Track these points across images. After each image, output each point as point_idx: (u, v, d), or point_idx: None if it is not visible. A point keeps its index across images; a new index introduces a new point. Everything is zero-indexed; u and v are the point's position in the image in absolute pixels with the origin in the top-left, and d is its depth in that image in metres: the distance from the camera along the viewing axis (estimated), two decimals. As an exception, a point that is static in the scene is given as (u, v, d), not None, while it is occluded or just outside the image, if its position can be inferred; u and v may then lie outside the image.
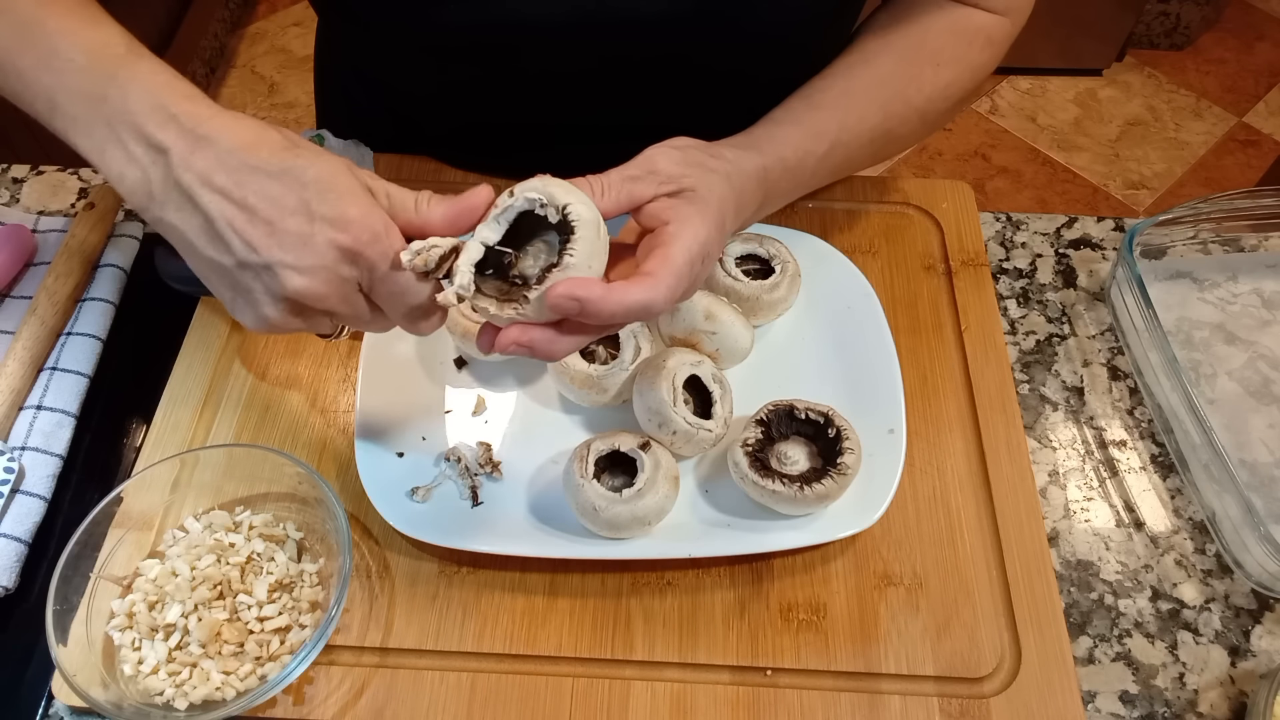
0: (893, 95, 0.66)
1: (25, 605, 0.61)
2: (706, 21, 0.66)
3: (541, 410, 0.68)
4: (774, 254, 0.69)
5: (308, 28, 2.47)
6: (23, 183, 0.83)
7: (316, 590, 0.59)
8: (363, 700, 0.57)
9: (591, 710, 0.57)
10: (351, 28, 0.78)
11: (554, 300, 0.48)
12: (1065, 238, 0.81)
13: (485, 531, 0.61)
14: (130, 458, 0.68)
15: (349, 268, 0.49)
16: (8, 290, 0.73)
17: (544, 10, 0.65)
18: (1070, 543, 0.65)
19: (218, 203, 0.48)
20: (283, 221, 0.48)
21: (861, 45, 0.68)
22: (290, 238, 0.48)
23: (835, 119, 0.64)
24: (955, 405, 0.69)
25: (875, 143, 0.67)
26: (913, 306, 0.74)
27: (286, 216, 0.48)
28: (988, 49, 0.68)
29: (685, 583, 0.61)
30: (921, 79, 0.66)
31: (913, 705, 0.57)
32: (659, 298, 0.50)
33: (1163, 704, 0.59)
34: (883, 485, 0.61)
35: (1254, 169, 2.17)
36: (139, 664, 0.56)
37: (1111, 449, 0.69)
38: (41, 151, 0.84)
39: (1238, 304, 0.76)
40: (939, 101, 0.68)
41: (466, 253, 0.49)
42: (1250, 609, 0.62)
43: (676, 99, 0.72)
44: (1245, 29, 2.46)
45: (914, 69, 0.67)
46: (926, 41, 0.67)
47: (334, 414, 0.68)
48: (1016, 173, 2.16)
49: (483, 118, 0.78)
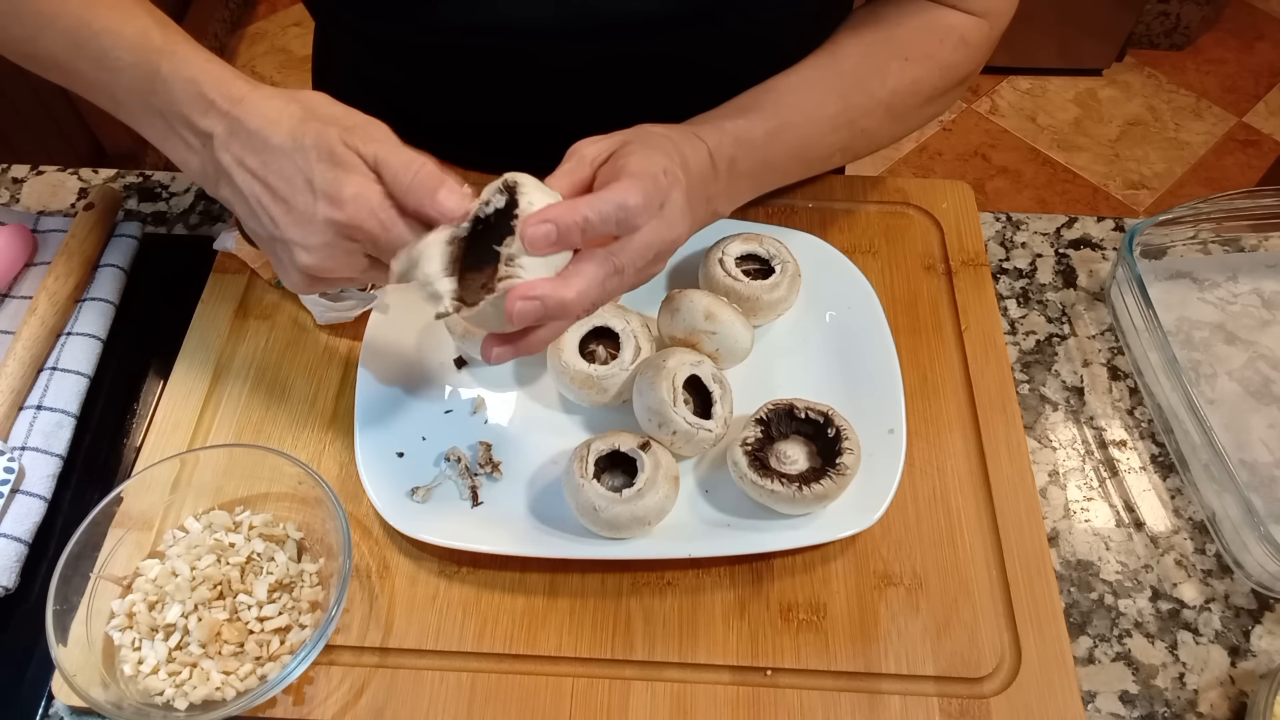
0: (854, 86, 0.66)
1: (25, 605, 0.61)
2: (694, 21, 0.66)
3: (541, 410, 0.68)
4: (774, 254, 0.69)
5: (307, 28, 2.47)
6: (23, 183, 0.83)
7: (316, 590, 0.59)
8: (363, 700, 0.57)
9: (591, 710, 0.57)
10: (345, 30, 0.78)
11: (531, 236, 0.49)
12: (1065, 238, 0.81)
13: (485, 531, 0.61)
14: (130, 458, 0.68)
15: (349, 242, 0.52)
16: (8, 290, 0.73)
17: (533, 13, 0.65)
18: (1070, 543, 0.65)
19: (249, 182, 0.52)
20: (294, 199, 0.51)
21: (832, 39, 0.69)
22: (298, 215, 0.51)
23: (788, 101, 0.65)
24: (955, 405, 0.69)
25: (839, 131, 0.67)
26: (913, 306, 0.74)
27: (296, 194, 0.51)
28: (961, 49, 0.68)
29: (685, 583, 0.61)
30: (887, 71, 0.67)
31: (913, 705, 0.57)
32: (633, 198, 0.50)
33: (1163, 704, 0.59)
34: (883, 485, 0.61)
35: (1254, 169, 2.17)
36: (139, 664, 0.56)
37: (1111, 449, 0.69)
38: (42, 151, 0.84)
39: (1238, 304, 0.76)
40: (907, 96, 0.68)
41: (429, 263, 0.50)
42: (1250, 609, 0.62)
43: (668, 98, 0.72)
44: (1245, 29, 2.46)
45: (880, 61, 0.67)
46: (896, 36, 0.67)
47: (334, 414, 0.68)
48: (1016, 173, 2.16)
49: (477, 117, 0.78)
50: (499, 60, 0.71)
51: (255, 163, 0.52)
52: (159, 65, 0.54)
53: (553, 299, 0.49)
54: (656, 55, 0.70)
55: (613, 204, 0.50)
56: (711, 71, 0.71)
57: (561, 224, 0.49)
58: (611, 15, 0.65)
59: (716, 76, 0.70)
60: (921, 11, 0.68)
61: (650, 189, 0.52)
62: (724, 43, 0.70)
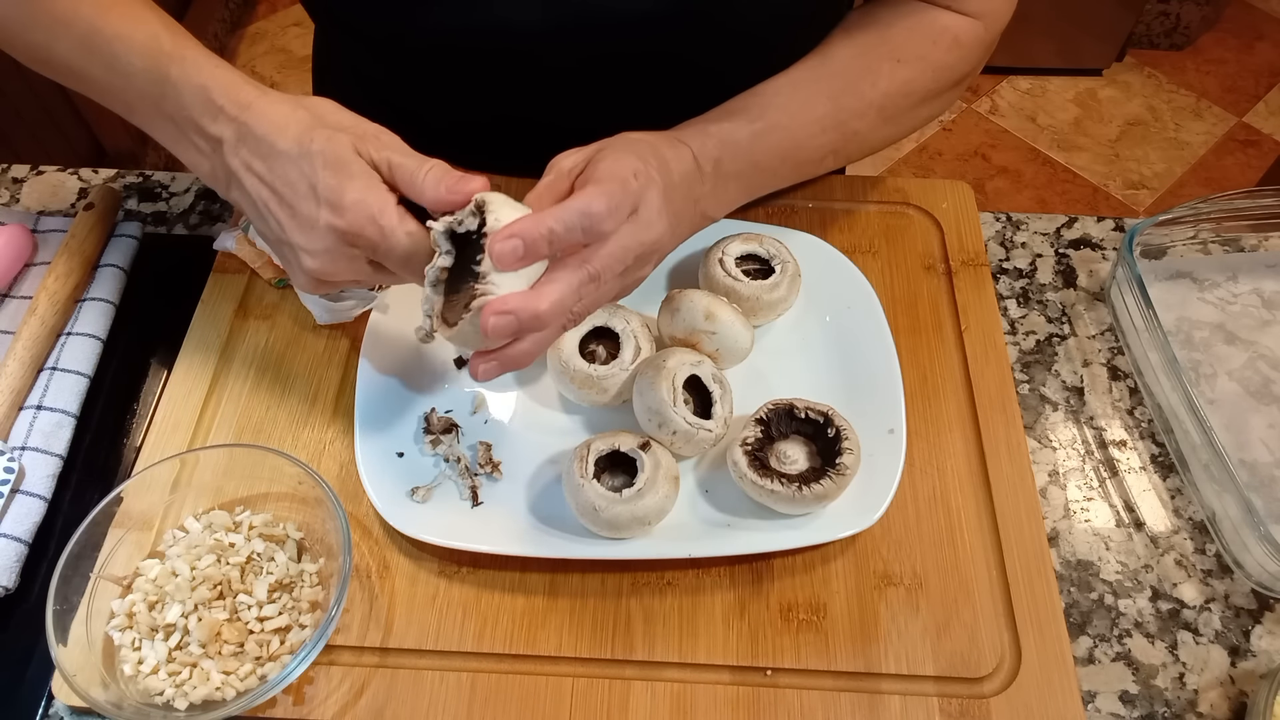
0: (844, 87, 0.66)
1: (25, 605, 0.61)
2: (691, 20, 0.66)
3: (541, 410, 0.68)
4: (774, 254, 0.69)
5: (307, 28, 2.46)
6: (23, 183, 0.83)
7: (316, 590, 0.59)
8: (363, 700, 0.57)
9: (591, 710, 0.57)
10: (344, 31, 0.79)
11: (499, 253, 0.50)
12: (1065, 238, 0.81)
13: (485, 531, 0.61)
14: (130, 458, 0.68)
15: (350, 248, 0.52)
16: (8, 290, 0.73)
17: (529, 15, 0.65)
18: (1070, 543, 0.65)
19: (256, 186, 0.53)
20: (298, 204, 0.52)
21: (824, 43, 0.69)
22: (302, 220, 0.52)
23: (775, 103, 0.65)
24: (955, 405, 0.69)
25: (829, 132, 0.67)
26: (913, 306, 0.74)
27: (300, 200, 0.52)
28: (954, 50, 0.68)
29: (685, 583, 0.61)
30: (878, 73, 0.66)
31: (913, 705, 0.57)
32: (596, 204, 0.51)
33: (1163, 704, 0.59)
34: (883, 485, 0.61)
35: (1254, 169, 2.17)
36: (139, 664, 0.56)
37: (1111, 449, 0.69)
38: (42, 151, 0.84)
39: (1238, 304, 0.76)
40: (899, 98, 0.67)
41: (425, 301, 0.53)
42: (1250, 609, 0.62)
43: (666, 96, 0.73)
44: (1245, 29, 2.46)
45: (871, 63, 0.67)
46: (888, 38, 0.67)
47: (334, 414, 0.68)
48: (1016, 173, 2.16)
49: (477, 116, 0.78)
50: (496, 61, 0.71)
51: (262, 168, 0.53)
52: (168, 71, 0.55)
53: (526, 311, 0.49)
54: (654, 54, 0.70)
55: (576, 212, 0.50)
56: (709, 70, 0.71)
57: (527, 237, 0.49)
58: (608, 16, 0.65)
59: (714, 75, 0.70)
60: (914, 13, 0.68)
61: (617, 192, 0.52)
62: (722, 42, 0.70)
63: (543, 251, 0.50)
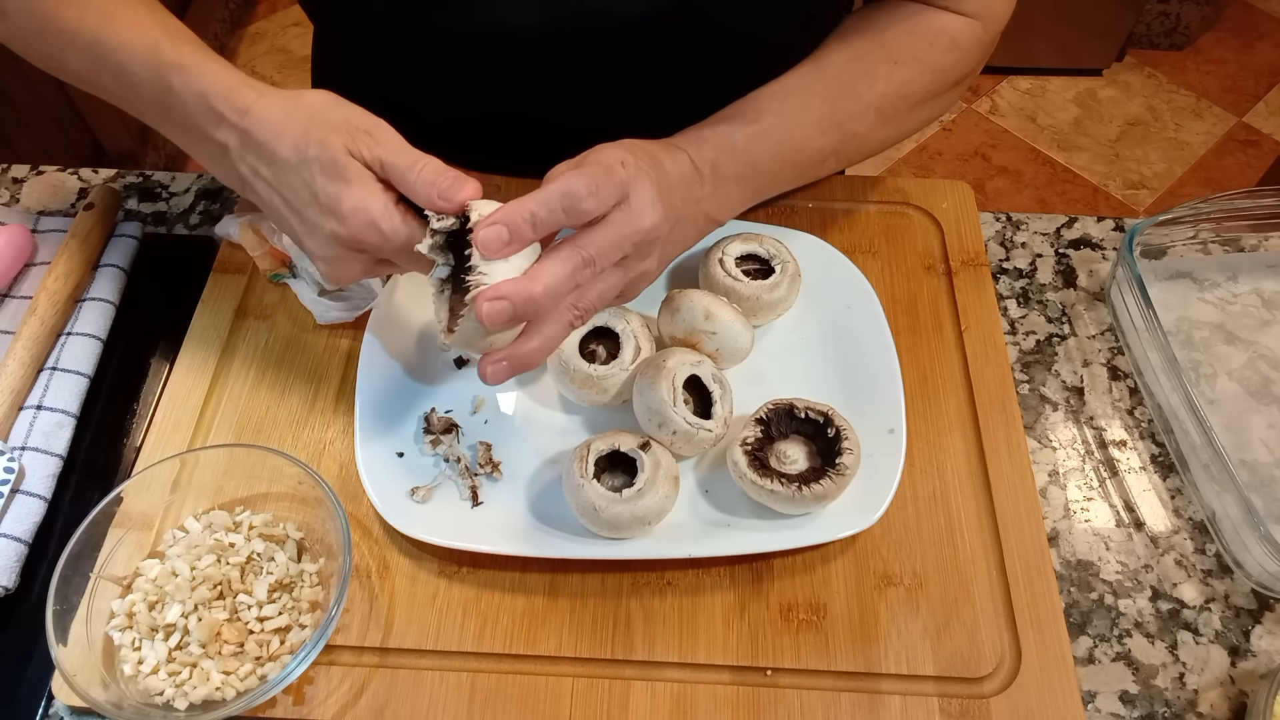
0: (841, 90, 0.66)
1: (25, 605, 0.61)
2: (690, 21, 0.67)
3: (541, 410, 0.68)
4: (774, 254, 0.69)
5: (307, 28, 2.46)
6: (23, 183, 0.83)
7: (316, 590, 0.59)
8: (363, 700, 0.57)
9: (591, 710, 0.57)
10: (342, 32, 0.79)
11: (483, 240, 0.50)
12: (1065, 238, 0.81)
13: (485, 531, 0.61)
14: (130, 458, 0.68)
15: (355, 252, 0.53)
16: (8, 290, 0.74)
17: (527, 18, 0.65)
18: (1070, 543, 0.65)
19: (267, 192, 0.54)
20: (305, 212, 0.53)
21: (821, 47, 0.69)
22: (309, 227, 0.53)
23: (771, 106, 0.65)
24: (955, 405, 0.69)
25: (827, 134, 0.67)
26: (913, 306, 0.74)
27: (305, 207, 0.53)
28: (952, 51, 0.68)
29: (685, 583, 0.61)
30: (875, 75, 0.66)
31: (913, 705, 0.57)
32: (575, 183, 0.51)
33: (1163, 704, 0.59)
34: (883, 485, 0.61)
35: (1254, 169, 2.17)
36: (139, 664, 0.56)
37: (1111, 449, 0.69)
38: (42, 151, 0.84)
39: (1238, 304, 0.76)
40: (896, 99, 0.67)
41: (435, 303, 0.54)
42: (1250, 609, 0.62)
43: (666, 95, 0.73)
44: (1245, 29, 2.46)
45: (868, 65, 0.67)
46: (885, 40, 0.67)
47: (334, 414, 0.68)
48: (1016, 173, 2.16)
49: (477, 115, 0.78)
50: (495, 62, 0.71)
51: (269, 174, 0.53)
52: (170, 80, 0.55)
53: (519, 295, 0.49)
54: (653, 54, 0.70)
55: (556, 192, 0.50)
56: (709, 70, 0.71)
57: (510, 221, 0.49)
58: (606, 18, 0.65)
59: (714, 75, 0.70)
60: (911, 15, 0.68)
61: (599, 174, 0.52)
62: (721, 42, 0.70)
63: (527, 234, 0.50)
